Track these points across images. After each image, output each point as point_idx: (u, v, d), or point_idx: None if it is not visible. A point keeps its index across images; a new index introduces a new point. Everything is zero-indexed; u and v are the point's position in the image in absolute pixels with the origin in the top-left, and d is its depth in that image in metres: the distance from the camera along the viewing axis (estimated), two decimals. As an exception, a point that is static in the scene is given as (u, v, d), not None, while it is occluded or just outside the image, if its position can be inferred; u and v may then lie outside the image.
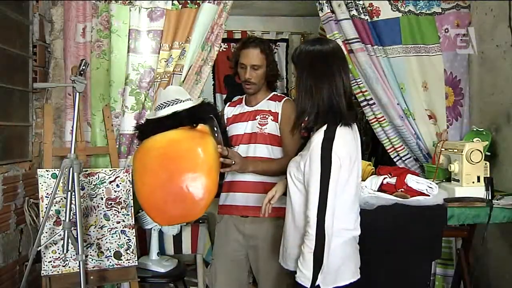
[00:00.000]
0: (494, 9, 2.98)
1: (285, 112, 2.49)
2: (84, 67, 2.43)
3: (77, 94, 2.41)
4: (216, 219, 2.71)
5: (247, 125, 2.55)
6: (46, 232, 2.57)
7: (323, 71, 1.85)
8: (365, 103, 3.19)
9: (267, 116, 2.52)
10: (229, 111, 2.70)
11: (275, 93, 2.64)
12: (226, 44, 5.17)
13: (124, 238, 2.75)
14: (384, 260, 2.34)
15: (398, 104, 3.16)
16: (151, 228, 3.23)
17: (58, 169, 2.48)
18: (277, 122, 2.50)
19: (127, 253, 2.75)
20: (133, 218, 2.79)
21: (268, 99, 2.59)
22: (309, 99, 1.86)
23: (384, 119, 3.18)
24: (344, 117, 1.83)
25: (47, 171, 2.64)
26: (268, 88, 2.63)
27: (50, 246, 2.58)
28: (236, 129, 2.58)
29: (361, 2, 3.12)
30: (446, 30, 3.21)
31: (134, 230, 2.79)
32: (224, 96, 5.10)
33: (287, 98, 2.58)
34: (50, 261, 2.58)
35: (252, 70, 2.51)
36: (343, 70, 1.88)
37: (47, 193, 2.59)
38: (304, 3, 4.49)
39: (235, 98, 2.78)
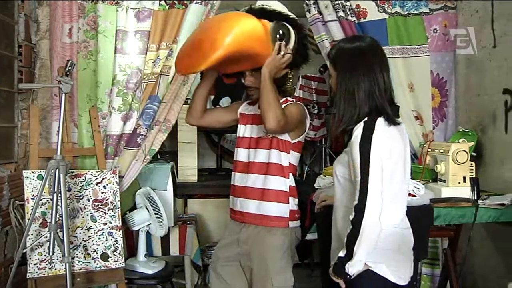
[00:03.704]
0: (480, 11, 3.01)
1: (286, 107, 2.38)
2: (70, 68, 2.42)
3: (63, 95, 2.40)
4: (203, 221, 2.70)
5: (252, 129, 2.50)
6: (32, 234, 2.55)
7: (365, 70, 1.80)
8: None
9: None
10: (243, 108, 2.62)
11: (287, 98, 2.49)
12: (214, 45, 5.15)
13: (111, 239, 2.73)
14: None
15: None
16: (139, 230, 3.22)
17: (44, 171, 2.46)
18: None
19: (114, 254, 2.73)
20: (120, 220, 2.78)
21: None
22: (350, 103, 1.80)
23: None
24: (388, 113, 1.78)
25: (32, 172, 2.61)
26: (280, 92, 2.43)
27: (36, 248, 2.56)
28: (245, 131, 2.53)
29: (348, 4, 3.13)
30: (435, 31, 3.23)
31: (121, 231, 2.78)
32: (213, 97, 5.09)
33: (293, 101, 2.46)
34: (36, 264, 2.56)
35: (250, 75, 2.43)
36: (384, 66, 1.84)
37: (33, 195, 2.57)
38: (292, 4, 4.49)
39: None
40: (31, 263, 2.56)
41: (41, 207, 2.58)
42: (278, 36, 2.24)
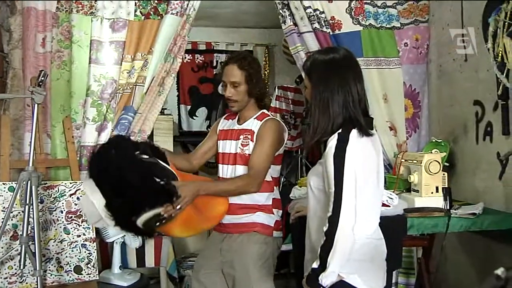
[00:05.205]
0: (451, 24, 3.07)
1: (260, 131, 2.41)
2: (43, 78, 2.39)
3: (36, 105, 2.37)
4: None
5: (231, 144, 2.50)
6: (2, 248, 2.50)
7: (339, 82, 1.79)
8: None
9: (249, 136, 2.45)
10: (222, 124, 2.63)
11: (264, 111, 2.53)
12: (190, 55, 5.17)
13: (85, 252, 2.70)
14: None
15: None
16: (114, 241, 3.18)
17: (16, 182, 2.42)
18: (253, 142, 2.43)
19: (87, 267, 2.69)
20: (94, 232, 2.75)
21: (255, 118, 2.49)
22: (325, 114, 1.79)
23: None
24: (361, 125, 1.77)
25: (3, 184, 2.57)
26: (258, 105, 2.52)
27: (6, 262, 2.51)
28: (224, 146, 2.53)
29: (323, 15, 3.17)
30: (406, 44, 3.30)
31: (95, 243, 2.74)
32: (189, 107, 5.08)
33: (270, 117, 2.48)
34: (6, 278, 2.51)
35: (232, 87, 2.42)
36: (358, 77, 1.84)
37: (4, 207, 2.52)
38: (267, 15, 4.53)
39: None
40: (1, 277, 2.50)
41: (12, 220, 2.53)
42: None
